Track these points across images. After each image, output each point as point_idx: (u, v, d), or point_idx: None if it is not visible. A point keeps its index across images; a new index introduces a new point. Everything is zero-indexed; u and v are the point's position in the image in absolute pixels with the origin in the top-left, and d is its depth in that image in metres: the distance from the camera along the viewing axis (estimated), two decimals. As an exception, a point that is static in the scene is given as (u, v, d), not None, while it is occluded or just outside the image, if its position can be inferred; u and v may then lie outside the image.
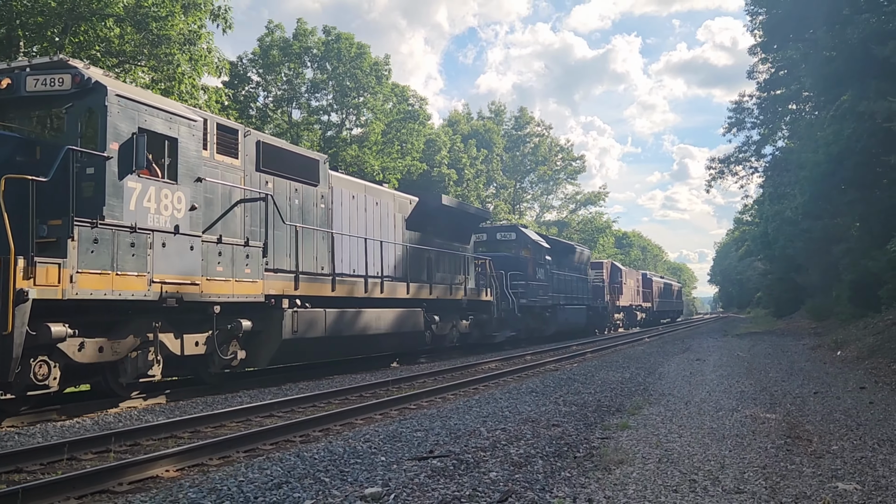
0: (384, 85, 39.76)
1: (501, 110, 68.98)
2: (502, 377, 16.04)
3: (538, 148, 68.99)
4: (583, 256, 40.01)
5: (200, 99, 22.03)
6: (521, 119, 69.69)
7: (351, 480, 6.27)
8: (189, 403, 11.79)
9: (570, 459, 7.10)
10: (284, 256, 14.42)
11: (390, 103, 41.12)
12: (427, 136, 45.58)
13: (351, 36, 38.26)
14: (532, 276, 28.35)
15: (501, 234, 29.42)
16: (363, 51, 38.23)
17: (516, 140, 68.50)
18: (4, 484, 6.70)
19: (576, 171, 72.30)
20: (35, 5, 19.01)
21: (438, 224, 21.40)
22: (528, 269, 28.05)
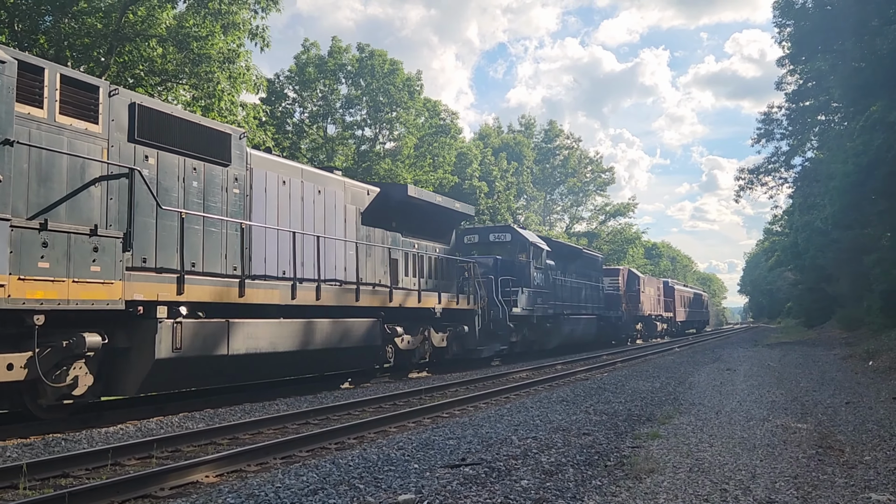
0: (416, 100, 40.12)
1: (531, 123, 69.22)
2: (533, 386, 16.10)
3: (568, 160, 69.01)
4: (595, 262, 37.04)
5: (239, 115, 22.51)
6: (550, 132, 69.83)
7: (385, 487, 6.39)
8: (228, 411, 12.04)
9: (601, 468, 7.17)
10: (173, 252, 11.45)
11: (422, 118, 41.46)
12: (458, 149, 45.83)
13: (384, 52, 38.71)
14: (529, 282, 25.46)
15: (495, 234, 26.39)
16: (396, 67, 38.65)
17: (546, 152, 68.58)
18: (52, 488, 6.95)
19: (605, 183, 72.12)
20: (82, 27, 19.68)
21: (408, 220, 18.74)
22: (525, 274, 25.29)
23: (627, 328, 41.90)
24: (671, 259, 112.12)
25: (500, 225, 29.56)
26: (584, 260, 34.73)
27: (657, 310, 50.25)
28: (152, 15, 20.63)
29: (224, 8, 19.86)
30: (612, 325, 38.51)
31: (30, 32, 19.57)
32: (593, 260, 36.93)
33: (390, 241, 17.72)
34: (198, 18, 20.44)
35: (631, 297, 42.87)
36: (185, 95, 21.93)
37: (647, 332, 47.74)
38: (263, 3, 21.00)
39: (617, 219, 74.14)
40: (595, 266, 36.64)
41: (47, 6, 18.90)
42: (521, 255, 25.49)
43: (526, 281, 25.14)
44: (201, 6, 19.83)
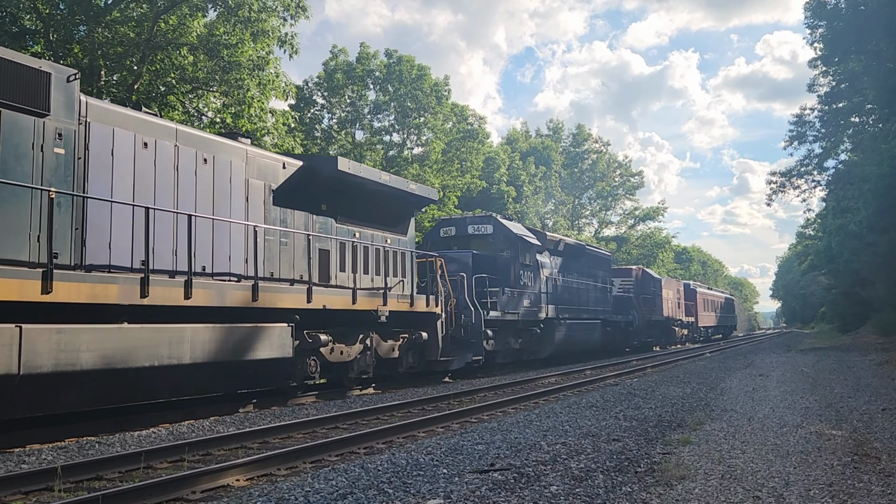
0: (444, 105, 40.22)
1: (559, 127, 69.07)
2: (562, 391, 16.03)
3: (596, 164, 68.74)
4: (602, 261, 33.40)
5: (269, 121, 22.76)
6: (578, 136, 69.61)
7: (413, 492, 6.40)
8: (258, 415, 12.14)
9: (631, 474, 7.11)
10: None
11: (450, 123, 41.55)
12: (486, 154, 45.84)
13: (412, 58, 38.88)
14: (514, 282, 22.30)
15: (474, 226, 22.99)
16: (424, 72, 38.79)
17: (574, 157, 68.35)
18: (86, 491, 7.05)
19: (634, 187, 71.69)
20: (115, 36, 20.04)
21: (345, 202, 15.55)
22: (509, 271, 22.16)
23: (640, 334, 37.72)
24: (702, 263, 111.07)
25: (481, 215, 24.78)
26: (589, 258, 31.10)
27: (677, 314, 46.54)
28: (183, 24, 20.94)
29: (253, 16, 20.09)
30: (621, 331, 34.60)
31: (64, 42, 19.97)
32: (600, 258, 33.28)
33: (317, 228, 14.55)
34: (228, 26, 20.70)
35: (645, 300, 38.90)
36: (216, 102, 22.23)
37: (665, 337, 43.73)
38: (292, 10, 21.22)
39: (646, 223, 73.67)
40: (602, 265, 33.12)
41: (81, 16, 19.27)
42: (506, 251, 22.42)
43: (509, 280, 22.07)
44: (231, 14, 20.09)
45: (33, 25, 19.74)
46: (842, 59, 34.60)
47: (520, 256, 22.86)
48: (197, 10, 20.69)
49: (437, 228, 23.58)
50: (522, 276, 22.98)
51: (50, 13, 19.56)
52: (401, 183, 17.40)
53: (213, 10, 20.90)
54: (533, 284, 23.77)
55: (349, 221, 15.68)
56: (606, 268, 33.89)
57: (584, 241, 61.48)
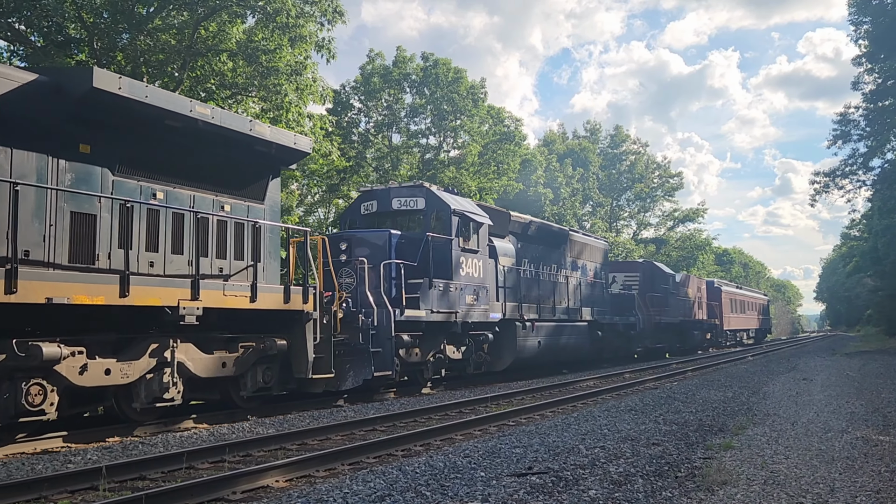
0: (480, 107, 40.21)
1: (597, 129, 68.61)
2: (600, 395, 15.92)
3: (634, 165, 68.14)
4: (593, 251, 27.21)
5: (306, 126, 23.00)
6: (616, 137, 69.08)
7: (451, 495, 6.40)
8: (297, 417, 12.25)
9: (672, 479, 7.03)
10: None
11: (486, 125, 41.52)
12: (523, 156, 45.71)
13: (448, 61, 38.95)
14: (450, 271, 17.09)
15: (400, 200, 17.69)
16: (460, 75, 38.83)
17: (612, 158, 67.84)
18: (130, 490, 7.19)
19: (673, 188, 70.85)
20: (157, 44, 20.45)
21: (136, 146, 10.66)
22: (446, 259, 17.02)
23: (645, 338, 31.49)
24: (743, 265, 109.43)
25: (410, 185, 18.75)
26: (574, 247, 25.39)
27: (696, 315, 40.88)
28: (223, 30, 21.26)
29: (291, 21, 20.32)
30: (619, 336, 28.52)
31: (108, 50, 20.41)
32: (591, 248, 27.22)
33: (68, 179, 9.82)
34: (266, 32, 20.97)
35: (654, 300, 33.13)
36: (255, 107, 22.56)
37: (682, 342, 37.88)
38: (329, 15, 21.41)
39: (686, 224, 72.77)
40: (593, 256, 27.21)
41: (124, 24, 19.69)
42: (441, 232, 17.13)
43: (445, 269, 16.97)
44: (269, 20, 20.34)
45: (78, 34, 20.21)
46: (888, 56, 33.90)
47: (460, 238, 17.38)
48: (236, 16, 20.98)
49: (357, 203, 18.53)
50: (465, 264, 17.59)
51: (94, 22, 20.01)
52: (237, 122, 12.06)
53: (252, 17, 21.20)
54: (481, 275, 18.25)
55: (143, 176, 10.86)
56: (601, 259, 28.06)
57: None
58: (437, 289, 16.55)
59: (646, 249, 61.53)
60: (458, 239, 17.39)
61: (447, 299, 16.83)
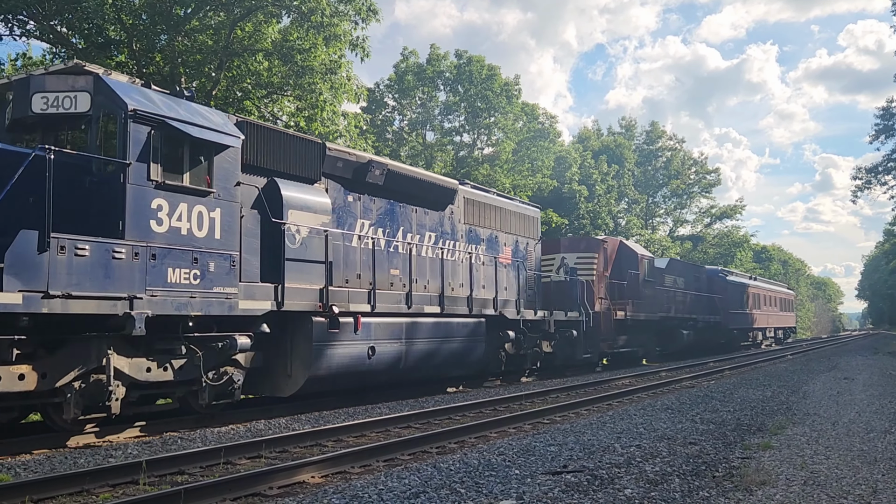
0: (514, 104, 40.09)
1: (632, 125, 67.95)
2: (636, 393, 15.80)
3: (671, 162, 67.35)
4: (509, 219, 19.29)
5: (341, 125, 23.13)
6: (652, 133, 68.37)
7: (486, 492, 6.40)
8: (333, 413, 12.34)
9: (709, 479, 6.96)
10: None
11: (520, 122, 41.38)
12: (557, 153, 45.48)
13: (482, 58, 38.89)
14: (125, 224, 9.50)
15: (46, 96, 9.88)
16: (494, 72, 38.74)
17: (648, 154, 67.15)
18: (169, 485, 7.30)
19: (710, 185, 69.91)
20: (194, 44, 20.73)
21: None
22: (117, 200, 9.53)
23: (594, 341, 22.82)
24: (782, 263, 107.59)
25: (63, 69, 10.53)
26: (473, 210, 17.86)
27: (682, 311, 31.92)
28: (259, 30, 21.47)
29: (325, 20, 20.44)
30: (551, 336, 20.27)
31: (147, 51, 20.73)
32: (505, 214, 19.22)
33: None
34: (301, 31, 21.12)
35: (619, 289, 25.20)
36: (290, 106, 22.76)
37: (662, 344, 30.13)
38: (363, 14, 21.50)
39: (723, 221, 71.79)
40: (511, 224, 19.43)
41: (163, 26, 19.98)
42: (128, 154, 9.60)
43: (109, 220, 9.62)
44: (304, 20, 20.49)
45: (118, 36, 20.56)
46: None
47: (155, 167, 9.79)
48: (271, 16, 21.18)
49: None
50: (165, 213, 9.88)
51: (133, 24, 20.34)
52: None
53: (287, 17, 21.37)
54: (214, 235, 10.50)
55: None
56: (527, 232, 20.27)
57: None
58: (75, 253, 8.79)
59: (682, 246, 60.82)
60: (151, 167, 9.78)
61: (108, 274, 9.12)
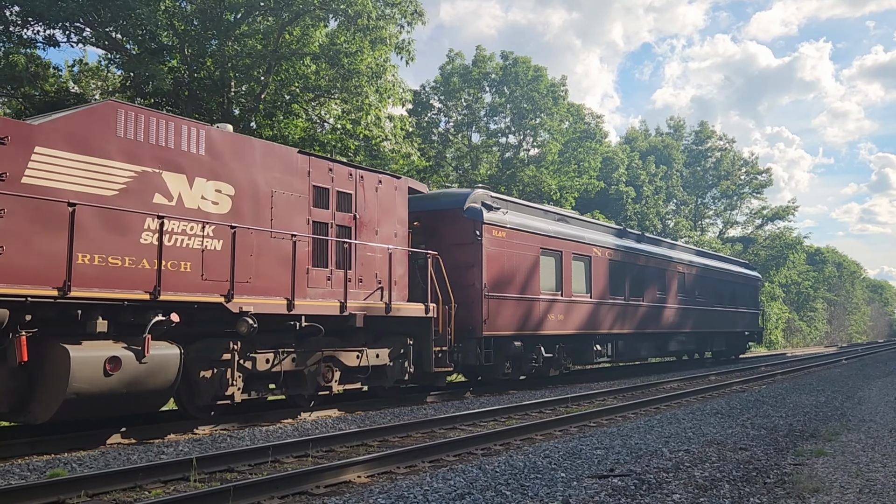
0: (560, 105, 39.85)
1: (680, 125, 66.94)
2: (685, 397, 15.57)
3: (720, 162, 66.16)
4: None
5: (386, 127, 23.27)
6: (701, 133, 67.25)
7: (531, 495, 6.37)
8: (378, 414, 12.42)
9: (760, 485, 6.82)
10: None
11: (566, 123, 41.12)
12: (604, 154, 45.07)
13: (528, 59, 38.75)
14: None
15: None
16: (540, 73, 38.58)
17: (697, 155, 66.09)
18: (218, 482, 7.43)
19: (761, 185, 68.42)
20: (244, 49, 21.07)
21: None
22: None
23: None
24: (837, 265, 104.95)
25: None
26: None
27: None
28: (306, 34, 21.72)
29: (371, 24, 20.59)
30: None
31: (198, 56, 21.14)
32: None
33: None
34: (348, 35, 21.31)
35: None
36: (337, 109, 22.98)
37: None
38: (409, 16, 21.60)
39: (775, 223, 70.23)
40: None
41: (213, 31, 20.35)
42: None
43: None
44: (351, 23, 20.67)
45: (170, 41, 21.01)
46: None
47: None
48: (319, 20, 21.41)
49: None
50: None
51: (185, 29, 20.76)
52: None
53: (334, 20, 21.57)
54: None
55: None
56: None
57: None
58: None
59: (732, 249, 59.71)
60: None
61: None
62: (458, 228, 15.84)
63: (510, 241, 16.62)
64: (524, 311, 16.84)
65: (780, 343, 61.58)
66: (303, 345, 11.91)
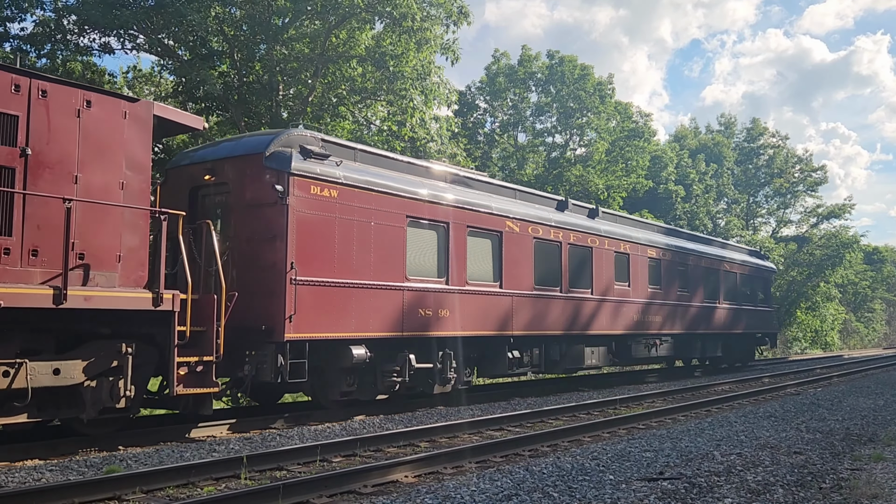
0: (607, 104, 39.48)
1: (731, 122, 65.76)
2: (736, 400, 15.29)
3: (773, 160, 64.75)
4: None
5: (432, 129, 23.33)
6: (753, 130, 65.92)
7: (579, 497, 6.32)
8: (425, 413, 12.45)
9: (815, 490, 6.66)
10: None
11: (614, 122, 40.71)
12: (652, 152, 44.50)
13: (574, 58, 38.50)
14: None
15: None
16: (587, 72, 38.29)
17: (748, 153, 64.81)
18: (269, 480, 7.54)
19: (816, 183, 66.73)
20: (291, 53, 21.36)
21: None
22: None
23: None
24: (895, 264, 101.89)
25: None
26: None
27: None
28: (352, 37, 21.89)
29: (417, 25, 20.66)
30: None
31: (247, 61, 21.47)
32: None
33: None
34: (393, 37, 21.42)
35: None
36: (383, 111, 23.12)
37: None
38: (455, 17, 21.61)
39: (831, 221, 68.48)
40: None
41: (262, 35, 20.65)
42: None
43: None
44: (396, 25, 20.77)
45: (220, 47, 21.38)
46: None
47: None
48: (364, 23, 21.57)
49: None
50: None
51: (234, 35, 21.11)
52: None
53: (380, 23, 21.70)
54: None
55: None
56: None
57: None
58: None
59: (786, 248, 58.41)
60: None
61: None
62: (256, 184, 11.27)
63: (348, 205, 11.84)
64: (376, 304, 12.13)
65: (837, 345, 60.09)
66: None
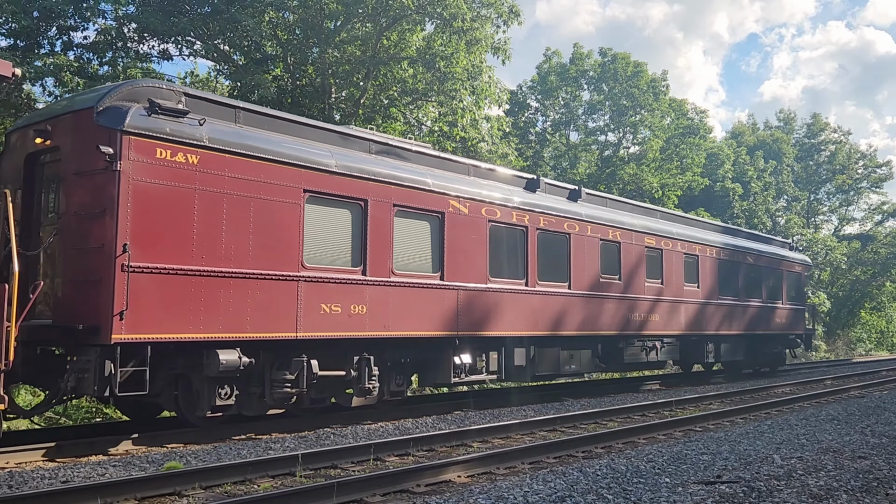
0: (661, 101, 38.92)
1: (791, 118, 64.16)
2: (797, 402, 14.91)
3: (835, 156, 62.97)
4: None
5: (483, 129, 23.33)
6: (813, 126, 64.22)
7: (634, 500, 6.24)
8: (478, 414, 12.44)
9: (881, 496, 6.45)
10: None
11: (668, 119, 40.11)
12: (708, 149, 43.70)
13: (627, 55, 38.05)
14: None
15: None
16: (640, 69, 37.81)
17: (809, 149, 63.16)
18: (323, 478, 7.63)
19: (881, 179, 64.70)
20: (343, 55, 21.59)
21: None
22: None
23: None
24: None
25: None
26: None
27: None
28: (403, 39, 22.02)
29: (467, 25, 20.67)
30: None
31: (300, 64, 21.79)
32: None
33: None
34: (444, 38, 21.47)
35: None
36: (434, 112, 23.20)
37: None
38: (505, 16, 21.56)
39: (897, 219, 66.30)
40: None
41: (314, 39, 20.92)
42: None
43: None
44: (447, 26, 20.82)
45: (274, 51, 21.72)
46: None
47: None
48: (415, 24, 21.67)
49: None
50: None
51: (288, 39, 21.43)
52: None
53: (431, 24, 21.78)
54: None
55: None
56: None
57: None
58: None
59: (849, 247, 56.75)
60: None
61: None
62: (85, 146, 8.92)
63: (215, 174, 9.50)
64: (258, 298, 9.79)
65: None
66: None
